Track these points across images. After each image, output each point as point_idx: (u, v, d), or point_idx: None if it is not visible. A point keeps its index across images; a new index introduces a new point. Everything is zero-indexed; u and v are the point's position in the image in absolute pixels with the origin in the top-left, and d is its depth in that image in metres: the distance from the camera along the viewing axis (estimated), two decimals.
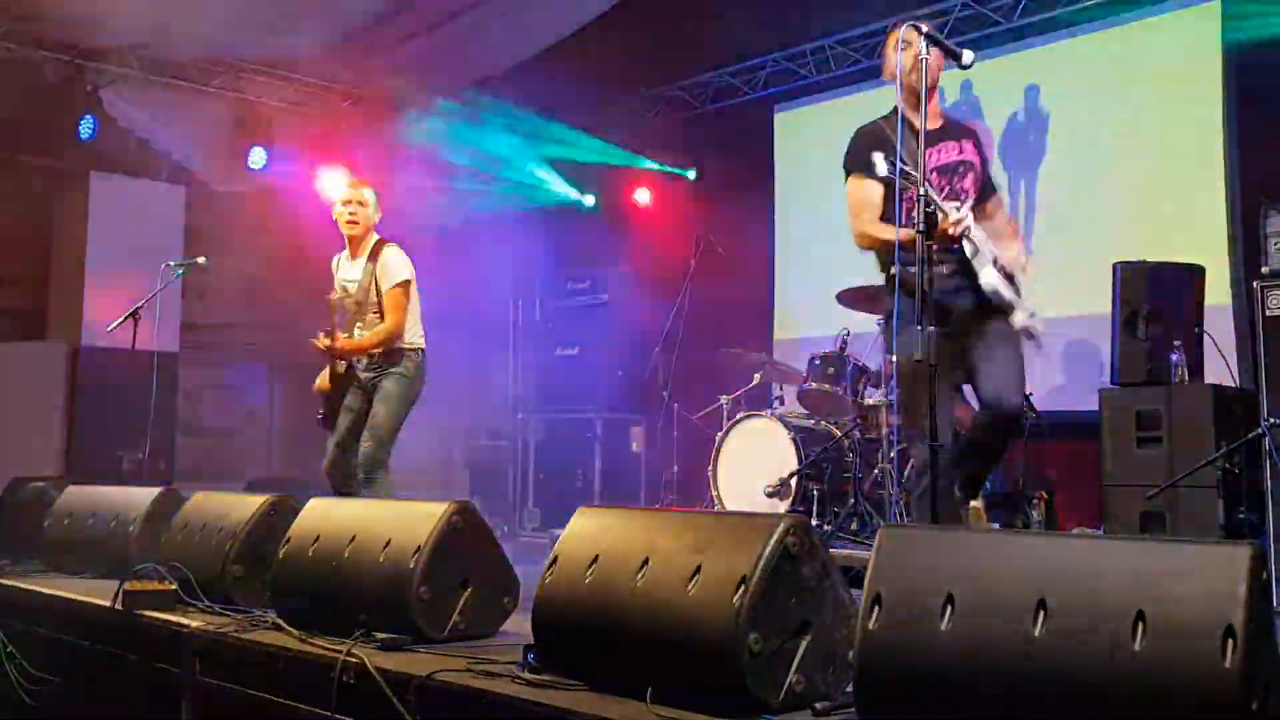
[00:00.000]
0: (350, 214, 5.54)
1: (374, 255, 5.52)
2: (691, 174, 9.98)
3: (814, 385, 6.72)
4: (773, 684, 2.38)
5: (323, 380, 5.63)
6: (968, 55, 3.76)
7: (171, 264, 7.32)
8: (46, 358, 8.67)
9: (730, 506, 6.54)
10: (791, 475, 6.37)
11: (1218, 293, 6.30)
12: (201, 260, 7.23)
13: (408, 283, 5.51)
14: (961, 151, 4.24)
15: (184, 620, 3.64)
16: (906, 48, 4.04)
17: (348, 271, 5.63)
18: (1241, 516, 5.04)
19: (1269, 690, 1.88)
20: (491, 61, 9.23)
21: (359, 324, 5.53)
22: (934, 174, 4.15)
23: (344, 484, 5.48)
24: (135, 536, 4.58)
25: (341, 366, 5.54)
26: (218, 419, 9.36)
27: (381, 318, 5.47)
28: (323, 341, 5.37)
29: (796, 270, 9.31)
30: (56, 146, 8.90)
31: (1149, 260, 5.72)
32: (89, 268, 8.88)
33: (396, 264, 5.50)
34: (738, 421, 6.80)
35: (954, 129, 4.33)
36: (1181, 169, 7.24)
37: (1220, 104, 7.09)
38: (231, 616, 3.64)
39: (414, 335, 5.59)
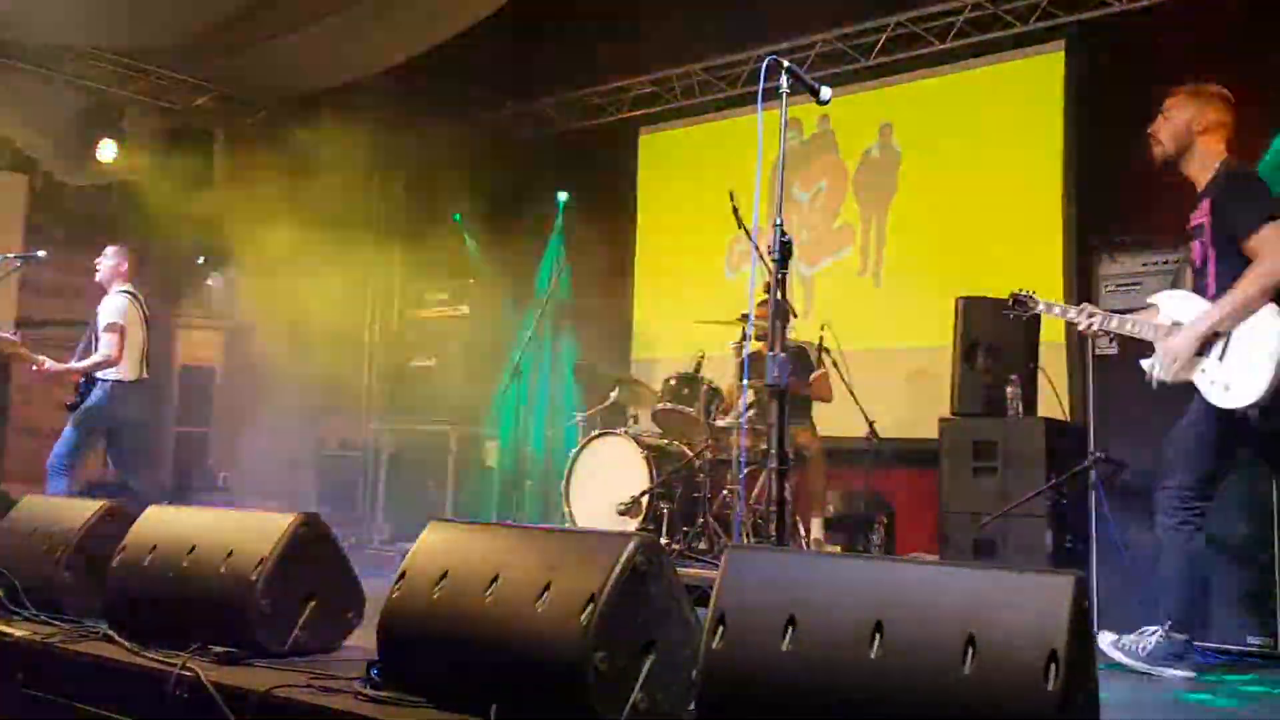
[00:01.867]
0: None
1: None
2: (563, 195, 9.94)
3: (668, 405, 6.80)
4: (618, 702, 2.40)
5: None
6: (826, 91, 3.88)
7: (9, 256, 7.04)
8: None
9: (582, 523, 6.56)
10: (643, 494, 6.43)
11: (1053, 330, 6.58)
12: (41, 254, 6.97)
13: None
14: (1198, 215, 4.05)
15: (8, 629, 3.48)
16: None
17: None
18: (1069, 545, 5.28)
19: (1085, 713, 1.99)
20: (358, 66, 9.09)
21: None
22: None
23: None
24: None
25: None
26: (52, 419, 8.97)
27: None
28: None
29: (655, 291, 9.41)
30: None
31: (990, 296, 5.96)
32: None
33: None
34: (592, 439, 6.83)
35: (1204, 191, 4.07)
36: (1023, 210, 7.58)
37: (1060, 149, 7.44)
38: (60, 626, 3.49)
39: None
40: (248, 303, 10.31)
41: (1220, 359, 3.83)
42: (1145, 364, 4.06)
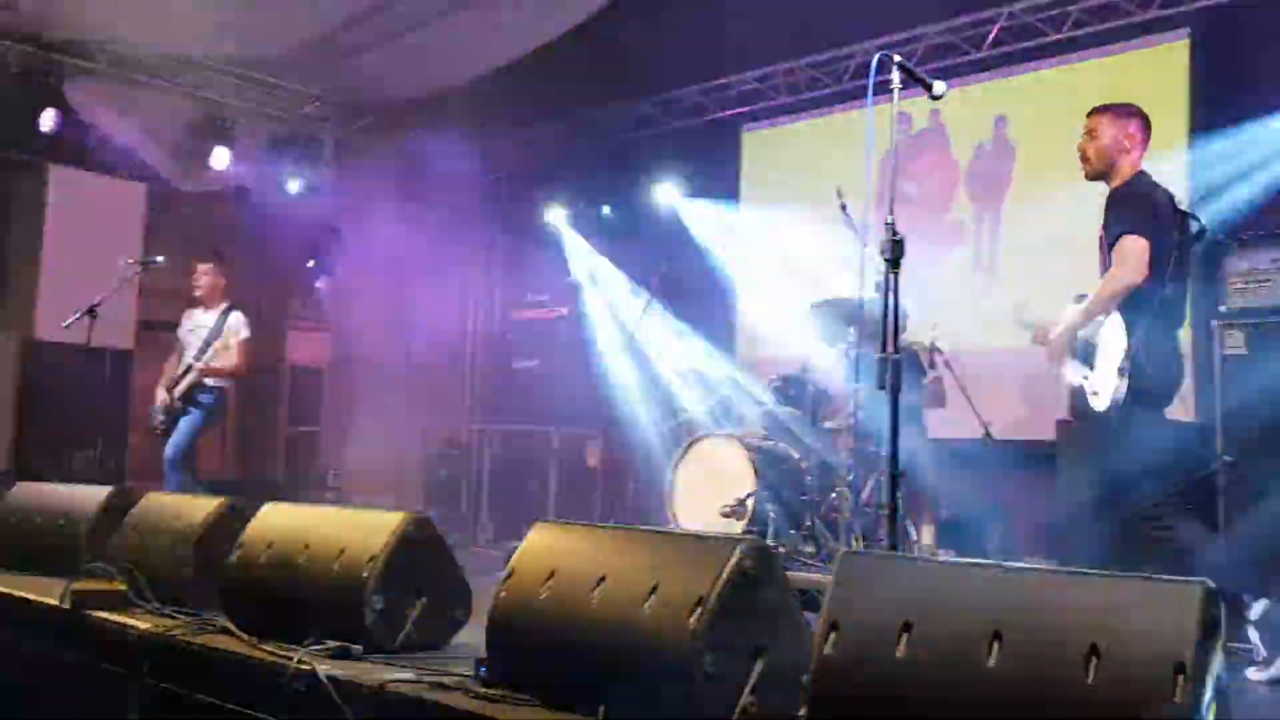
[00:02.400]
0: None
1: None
2: (662, 189, 9.95)
3: (774, 406, 6.74)
4: (726, 706, 2.38)
5: None
6: (939, 85, 3.80)
7: (129, 261, 7.27)
8: None
9: (686, 525, 6.53)
10: (748, 496, 6.37)
11: None
12: (160, 259, 7.19)
13: None
14: (1104, 225, 4.35)
15: (133, 621, 3.59)
16: None
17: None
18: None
19: None
20: (461, 72, 9.20)
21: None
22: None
23: None
24: (85, 535, 4.51)
25: None
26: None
27: None
28: None
29: (759, 290, 9.34)
30: (16, 138, 8.76)
31: None
32: (45, 262, 8.75)
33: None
34: (696, 440, 6.79)
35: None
36: None
37: (1185, 141, 7.19)
38: (181, 619, 3.58)
39: None
40: (354, 304, 10.52)
41: (1092, 368, 4.13)
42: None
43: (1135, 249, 4.07)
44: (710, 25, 9.04)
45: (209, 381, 7.03)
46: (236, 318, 7.18)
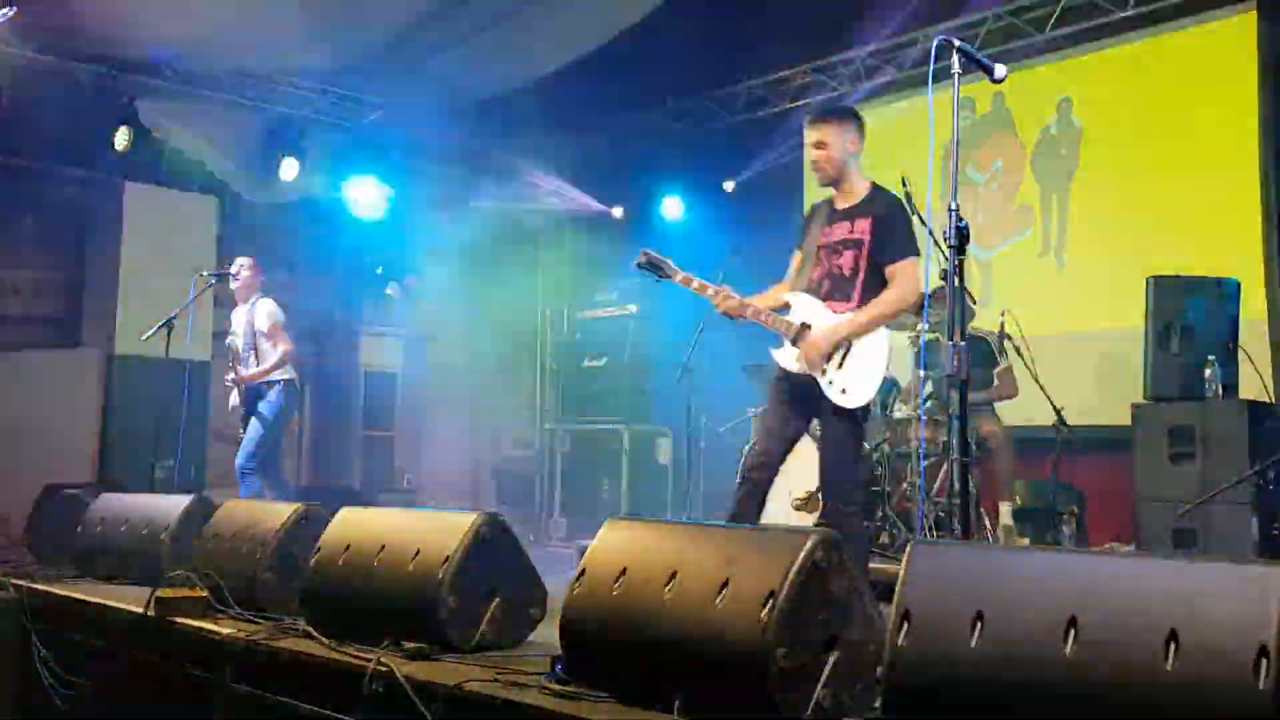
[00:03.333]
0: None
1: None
2: (729, 185, 9.94)
3: None
4: (800, 699, 2.37)
5: None
6: (1000, 69, 3.74)
7: (205, 274, 7.40)
8: (80, 365, 8.75)
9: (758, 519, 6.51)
10: (819, 488, 6.33)
11: (1253, 307, 6.24)
12: (233, 271, 7.30)
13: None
14: (852, 231, 4.35)
15: (215, 627, 3.66)
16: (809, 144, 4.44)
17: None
18: (1276, 533, 4.99)
19: None
20: (522, 73, 9.25)
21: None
22: (821, 250, 4.43)
23: None
24: (167, 544, 4.62)
25: None
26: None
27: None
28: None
29: None
30: (91, 156, 8.98)
31: (1183, 274, 5.68)
32: (122, 277, 8.95)
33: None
34: None
35: (859, 209, 4.40)
36: (1216, 182, 7.18)
37: (1256, 116, 7.02)
38: (262, 624, 3.65)
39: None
40: (426, 309, 10.63)
41: (840, 366, 4.22)
42: (775, 353, 4.38)
43: (917, 271, 4.26)
44: (770, 16, 9.00)
45: (265, 382, 6.99)
46: (264, 304, 7.14)
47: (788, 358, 4.34)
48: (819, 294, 4.37)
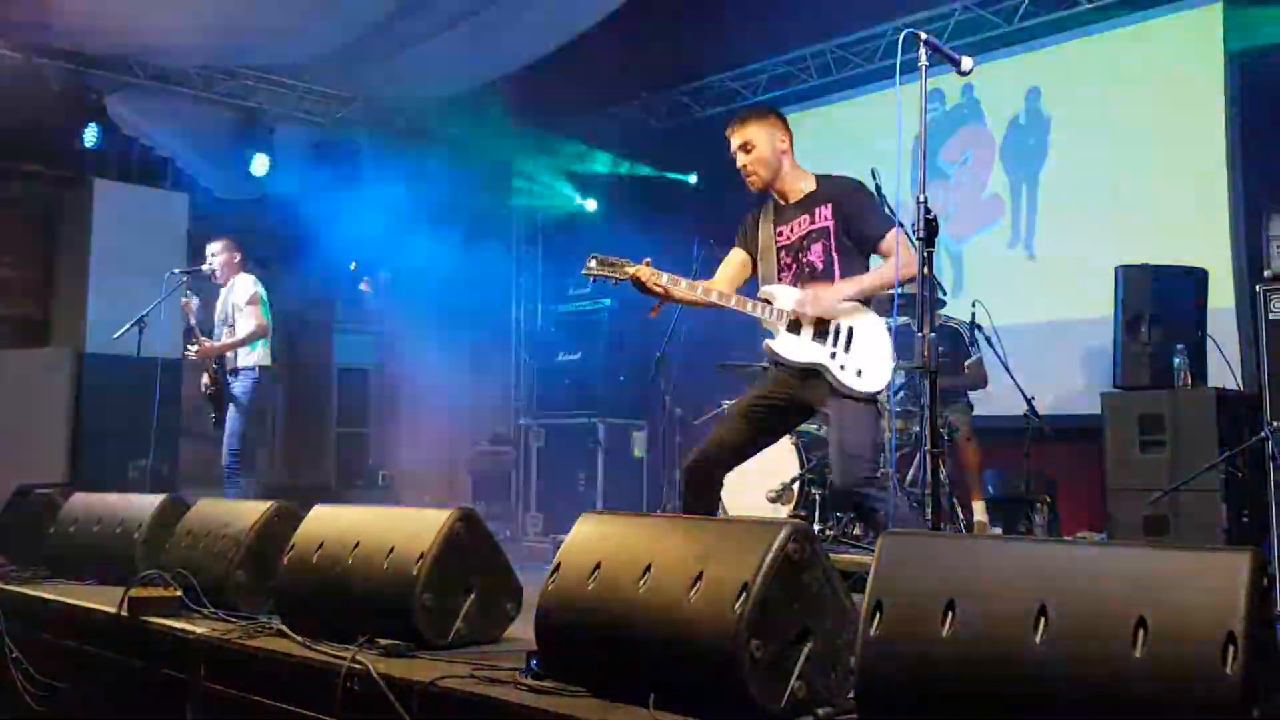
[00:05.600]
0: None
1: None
2: (692, 178, 9.97)
3: None
4: (775, 690, 2.39)
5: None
6: (967, 62, 3.77)
7: (175, 271, 7.35)
8: (51, 364, 8.67)
9: (732, 512, 6.54)
10: (793, 480, 6.37)
11: (1221, 296, 6.30)
12: (205, 269, 7.26)
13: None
14: (814, 221, 4.24)
15: (189, 627, 3.64)
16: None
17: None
18: (1245, 520, 5.05)
19: (1270, 697, 1.88)
20: (492, 69, 9.23)
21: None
22: (783, 252, 4.30)
23: None
24: (140, 543, 4.58)
25: None
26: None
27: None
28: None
29: None
30: (60, 154, 8.91)
31: (1151, 263, 5.73)
32: (93, 275, 8.88)
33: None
34: None
35: (813, 199, 4.29)
36: (1184, 172, 7.24)
37: (1223, 107, 7.09)
38: (236, 623, 3.63)
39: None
40: (399, 305, 10.60)
41: (846, 350, 4.06)
42: (774, 345, 4.19)
43: (905, 239, 4.12)
44: (739, 10, 9.01)
45: (241, 366, 6.94)
46: (243, 279, 7.10)
47: (790, 346, 4.14)
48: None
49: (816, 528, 6.16)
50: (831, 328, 4.10)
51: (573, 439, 9.52)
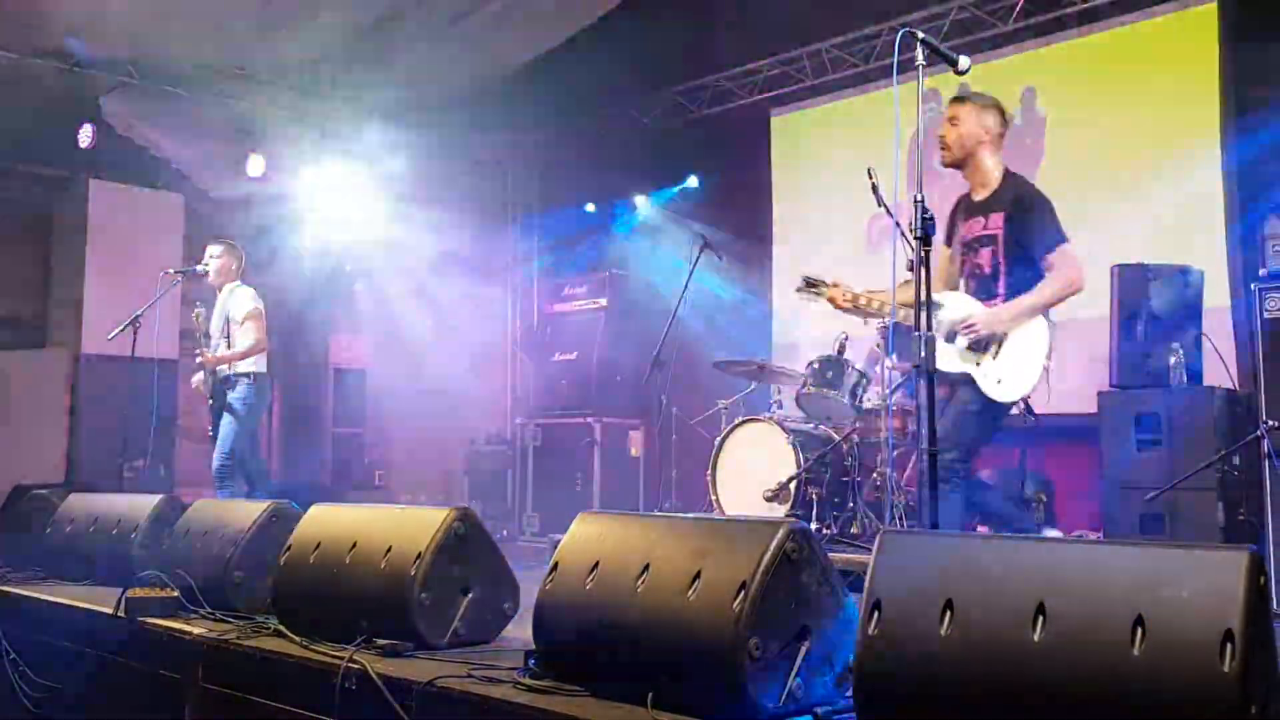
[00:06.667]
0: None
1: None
2: (693, 180, 9.96)
3: (812, 389, 6.72)
4: (773, 688, 2.39)
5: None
6: (964, 61, 3.78)
7: (171, 271, 7.34)
8: (47, 365, 8.67)
9: (730, 510, 6.54)
10: (791, 479, 6.37)
11: (1216, 295, 6.30)
12: (200, 268, 7.24)
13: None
14: (985, 227, 4.39)
15: (186, 627, 3.65)
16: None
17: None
18: (1242, 518, 5.05)
19: (1268, 695, 1.89)
20: (488, 70, 9.23)
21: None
22: (962, 246, 4.50)
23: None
24: (137, 544, 4.59)
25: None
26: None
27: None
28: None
29: (794, 273, 9.29)
30: (55, 155, 8.88)
31: (1147, 263, 5.73)
32: (89, 275, 8.86)
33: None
34: (736, 425, 6.80)
35: (989, 203, 4.44)
36: (1180, 171, 7.24)
37: (1218, 106, 7.09)
38: (233, 623, 3.64)
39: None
40: (394, 305, 10.58)
41: (994, 358, 4.27)
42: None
43: (1074, 257, 4.30)
44: (735, 10, 9.01)
45: (236, 373, 6.86)
46: (242, 290, 7.03)
47: (945, 357, 4.27)
48: (968, 293, 4.44)
49: (813, 527, 6.16)
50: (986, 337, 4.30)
51: (569, 438, 9.52)
